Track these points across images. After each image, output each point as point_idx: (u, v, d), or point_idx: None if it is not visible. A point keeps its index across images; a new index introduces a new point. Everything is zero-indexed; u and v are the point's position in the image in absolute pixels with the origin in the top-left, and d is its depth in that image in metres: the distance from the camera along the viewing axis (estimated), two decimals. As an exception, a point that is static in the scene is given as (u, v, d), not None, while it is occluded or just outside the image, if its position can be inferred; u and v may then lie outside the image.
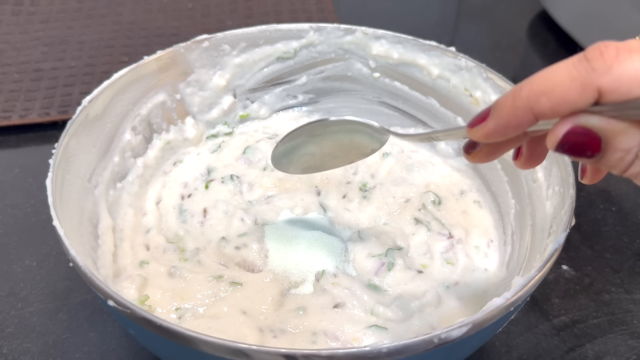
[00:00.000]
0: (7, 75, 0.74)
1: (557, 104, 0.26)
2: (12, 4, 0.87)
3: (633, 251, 0.57)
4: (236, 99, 0.61)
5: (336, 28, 0.58)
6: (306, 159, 0.47)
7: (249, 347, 0.31)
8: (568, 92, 0.26)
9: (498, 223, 0.52)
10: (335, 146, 0.45)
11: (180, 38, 0.81)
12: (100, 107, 0.49)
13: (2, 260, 0.54)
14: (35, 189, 0.61)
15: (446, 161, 0.58)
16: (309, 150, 0.45)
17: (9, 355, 0.47)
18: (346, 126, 0.43)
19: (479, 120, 0.30)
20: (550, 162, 0.45)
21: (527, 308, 0.51)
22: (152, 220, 0.52)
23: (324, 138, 0.44)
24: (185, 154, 0.59)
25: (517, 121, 0.28)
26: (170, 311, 0.43)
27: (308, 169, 0.48)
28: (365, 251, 0.48)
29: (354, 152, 0.45)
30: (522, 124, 0.28)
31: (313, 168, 0.48)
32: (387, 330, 0.42)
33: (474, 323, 0.32)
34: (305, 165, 0.47)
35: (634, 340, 0.49)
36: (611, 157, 0.27)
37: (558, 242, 0.37)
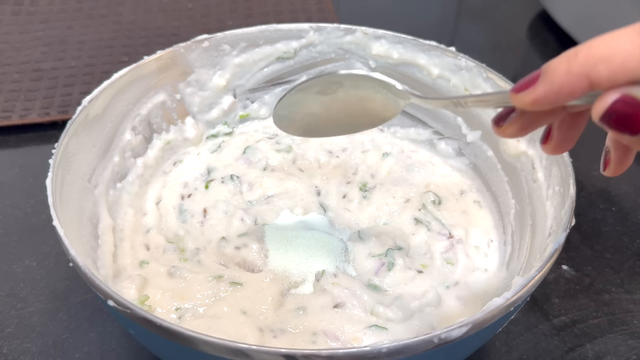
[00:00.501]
0: (7, 75, 0.74)
1: (616, 72, 0.25)
2: (12, 4, 0.87)
3: (633, 251, 0.57)
4: (236, 99, 0.61)
5: (336, 28, 0.58)
6: (309, 120, 0.43)
7: (249, 347, 0.31)
8: (629, 61, 0.25)
9: (498, 223, 0.52)
10: (344, 110, 0.42)
11: (180, 38, 0.81)
12: (100, 107, 0.49)
13: (2, 260, 0.54)
14: (35, 189, 0.61)
15: (446, 161, 0.58)
16: (314, 109, 0.42)
17: (9, 355, 0.47)
18: (362, 88, 0.40)
19: (527, 84, 0.28)
20: (550, 162, 0.45)
21: (527, 308, 0.51)
22: (152, 220, 0.52)
23: (334, 99, 0.41)
24: (185, 154, 0.59)
25: (571, 88, 0.26)
26: (170, 311, 0.43)
27: (308, 131, 0.45)
28: (365, 251, 0.48)
29: (361, 121, 0.42)
30: (575, 92, 0.26)
31: (314, 132, 0.45)
32: (387, 330, 0.42)
33: (474, 323, 0.32)
34: (306, 127, 0.44)
35: (634, 340, 0.49)
36: None
37: (558, 242, 0.37)
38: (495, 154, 0.54)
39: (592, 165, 0.65)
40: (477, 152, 0.56)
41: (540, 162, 0.47)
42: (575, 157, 0.43)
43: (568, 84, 0.26)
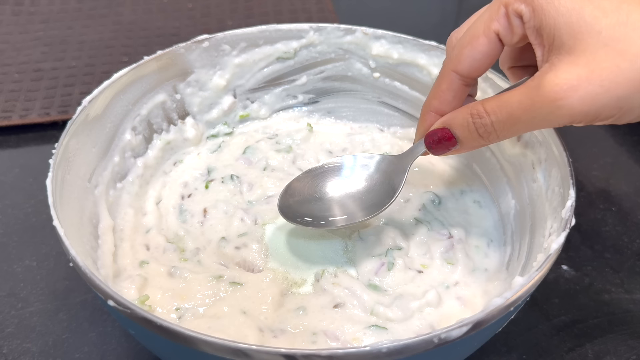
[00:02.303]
0: (7, 75, 0.74)
1: None
2: (12, 4, 0.87)
3: (633, 251, 0.57)
4: (236, 99, 0.61)
5: (336, 28, 0.58)
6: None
7: (249, 347, 0.31)
8: None
9: (498, 223, 0.52)
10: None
11: (180, 38, 0.81)
12: (101, 107, 0.49)
13: (2, 260, 0.54)
14: (35, 189, 0.61)
15: (446, 161, 0.58)
16: None
17: (9, 355, 0.47)
18: None
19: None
20: (550, 162, 0.45)
21: (527, 308, 0.51)
22: (152, 220, 0.52)
23: None
24: (185, 154, 0.59)
25: None
26: (170, 311, 0.43)
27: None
28: (365, 251, 0.48)
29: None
30: None
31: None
32: (387, 330, 0.42)
33: (474, 323, 0.32)
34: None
35: (634, 340, 0.49)
36: None
37: (558, 242, 0.37)
38: (495, 154, 0.54)
39: (592, 165, 0.65)
40: (477, 153, 0.56)
41: (540, 162, 0.47)
42: (575, 158, 0.43)
43: None
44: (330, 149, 0.59)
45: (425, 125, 0.42)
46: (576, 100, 0.32)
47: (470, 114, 0.37)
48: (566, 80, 0.32)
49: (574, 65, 0.32)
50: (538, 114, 0.34)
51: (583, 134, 0.70)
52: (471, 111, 0.37)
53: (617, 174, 0.65)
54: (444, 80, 0.40)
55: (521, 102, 0.34)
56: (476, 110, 0.37)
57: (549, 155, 0.45)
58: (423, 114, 0.42)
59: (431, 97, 0.41)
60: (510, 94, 0.35)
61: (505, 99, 0.35)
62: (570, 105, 0.32)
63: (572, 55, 0.32)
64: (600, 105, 0.32)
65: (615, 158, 0.67)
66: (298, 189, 0.48)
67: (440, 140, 0.40)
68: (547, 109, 0.33)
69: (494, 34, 0.36)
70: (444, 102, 0.40)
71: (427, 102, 0.42)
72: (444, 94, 0.40)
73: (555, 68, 0.32)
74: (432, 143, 0.41)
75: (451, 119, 0.39)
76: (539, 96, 0.33)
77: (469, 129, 0.38)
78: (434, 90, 0.41)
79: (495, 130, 0.36)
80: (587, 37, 0.31)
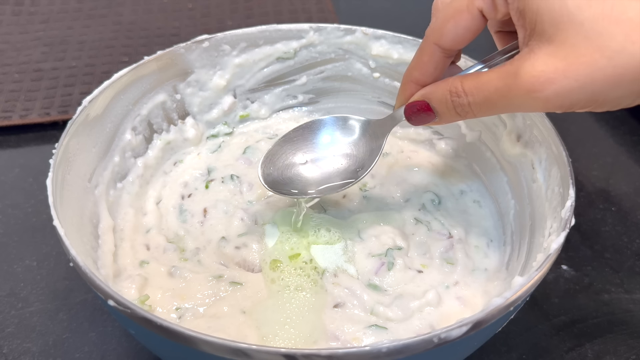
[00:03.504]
0: (7, 75, 0.74)
1: None
2: (12, 4, 0.87)
3: (633, 251, 0.57)
4: (236, 99, 0.61)
5: (336, 28, 0.58)
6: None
7: (249, 347, 0.31)
8: None
9: (498, 223, 0.52)
10: None
11: (180, 38, 0.81)
12: (101, 107, 0.49)
13: (3, 260, 0.54)
14: (35, 189, 0.61)
15: (446, 161, 0.58)
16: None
17: (9, 355, 0.47)
18: None
19: None
20: (549, 162, 0.45)
21: (527, 308, 0.51)
22: (152, 220, 0.52)
23: None
24: (185, 154, 0.59)
25: None
26: (170, 311, 0.43)
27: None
28: (365, 251, 0.48)
29: None
30: None
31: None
32: (387, 330, 0.42)
33: (474, 323, 0.32)
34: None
35: (633, 340, 0.49)
36: None
37: (558, 242, 0.37)
38: (495, 154, 0.54)
39: (591, 165, 0.65)
40: (477, 152, 0.56)
41: (540, 162, 0.47)
42: (575, 157, 0.43)
43: None
44: (330, 149, 0.59)
45: (405, 95, 0.42)
46: (551, 93, 0.32)
47: (449, 91, 0.37)
48: (543, 73, 0.32)
49: (552, 56, 0.32)
50: (514, 101, 0.34)
51: (583, 134, 0.70)
52: (450, 88, 0.37)
53: (617, 174, 0.65)
54: (426, 52, 0.39)
55: (498, 88, 0.34)
56: (454, 88, 0.37)
57: (548, 155, 0.45)
58: (404, 83, 0.42)
59: (412, 68, 0.41)
60: (489, 77, 0.35)
61: (484, 81, 0.35)
62: (545, 98, 0.32)
63: (551, 44, 0.32)
64: (575, 99, 0.32)
65: (615, 158, 0.67)
66: (278, 155, 0.48)
67: (419, 112, 0.41)
68: (522, 98, 0.33)
69: (477, 10, 0.36)
70: (425, 73, 0.40)
71: (408, 71, 0.41)
72: (426, 66, 0.40)
73: (533, 56, 0.32)
74: (411, 114, 0.41)
75: (430, 92, 0.39)
76: (515, 85, 0.33)
77: (447, 105, 0.38)
78: (415, 60, 0.40)
79: (472, 110, 0.37)
80: (569, 27, 0.31)
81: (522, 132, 0.49)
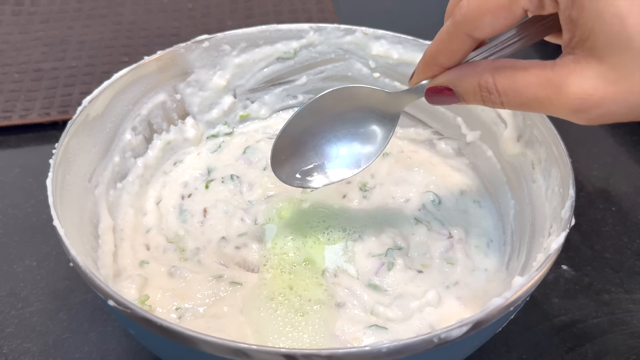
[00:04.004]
0: (7, 75, 0.74)
1: None
2: (12, 4, 0.87)
3: (633, 251, 0.57)
4: (236, 99, 0.61)
5: (336, 28, 0.58)
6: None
7: (249, 347, 0.31)
8: None
9: (498, 223, 0.52)
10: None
11: (180, 38, 0.81)
12: (101, 107, 0.49)
13: (2, 260, 0.54)
14: (35, 189, 0.61)
15: (446, 161, 0.58)
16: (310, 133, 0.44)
17: (9, 355, 0.47)
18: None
19: None
20: (549, 162, 0.45)
21: (527, 308, 0.51)
22: (152, 220, 0.52)
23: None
24: (185, 154, 0.59)
25: None
26: (170, 311, 0.43)
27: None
28: (365, 251, 0.48)
29: None
30: None
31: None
32: (387, 330, 0.42)
33: (474, 323, 0.32)
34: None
35: (633, 340, 0.49)
36: None
37: (558, 242, 0.37)
38: (495, 154, 0.54)
39: (592, 165, 0.65)
40: (477, 152, 0.56)
41: (540, 162, 0.47)
42: (575, 157, 0.43)
43: None
44: (330, 149, 0.59)
45: (426, 75, 0.39)
46: (595, 115, 0.31)
47: (479, 85, 0.35)
48: (591, 97, 0.30)
49: (602, 78, 0.30)
50: (552, 111, 0.32)
51: (583, 134, 0.70)
52: (480, 82, 0.35)
53: (617, 174, 0.65)
54: (455, 40, 0.36)
55: (538, 97, 0.32)
56: (485, 83, 0.35)
57: (548, 155, 0.45)
58: (426, 64, 0.39)
59: (437, 52, 0.38)
60: (527, 80, 0.33)
61: (522, 84, 0.33)
62: (588, 118, 0.31)
63: (602, 64, 0.30)
64: (618, 119, 0.31)
65: (615, 158, 0.67)
66: (287, 142, 0.45)
67: (442, 95, 0.38)
68: (562, 112, 0.32)
69: (521, 9, 0.33)
70: (453, 59, 0.37)
71: (432, 56, 0.38)
72: (454, 54, 0.37)
73: (580, 71, 0.31)
74: (433, 94, 0.39)
75: (457, 80, 0.37)
76: (558, 99, 0.31)
77: (475, 96, 0.36)
78: (442, 46, 0.37)
79: (503, 106, 0.35)
80: (625, 52, 0.29)
81: (522, 132, 0.49)
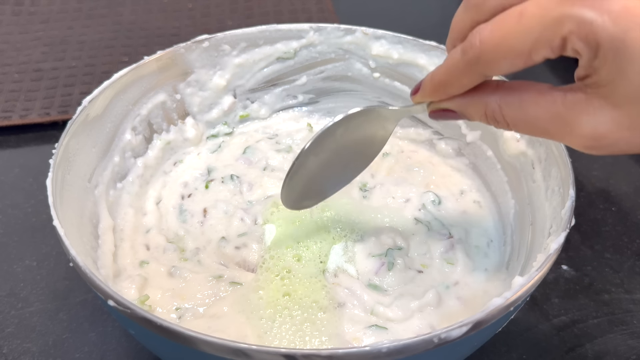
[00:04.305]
0: (7, 75, 0.74)
1: None
2: (12, 4, 0.87)
3: (633, 251, 0.57)
4: (236, 99, 0.61)
5: (336, 28, 0.58)
6: (314, 186, 0.45)
7: (249, 347, 0.31)
8: None
9: (498, 223, 0.52)
10: (341, 161, 0.44)
11: (180, 38, 0.81)
12: (101, 107, 0.49)
13: (2, 260, 0.54)
14: (35, 189, 0.61)
15: (446, 161, 0.58)
16: (316, 174, 0.44)
17: (9, 355, 0.47)
18: (351, 128, 0.42)
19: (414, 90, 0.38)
20: (549, 162, 0.45)
21: (527, 308, 0.51)
22: (152, 220, 0.52)
23: (329, 155, 0.43)
24: (185, 154, 0.59)
25: None
26: (170, 311, 0.43)
27: (318, 196, 0.46)
28: (365, 251, 0.48)
29: (359, 162, 0.45)
30: None
31: (322, 193, 0.46)
32: (387, 330, 0.42)
33: (474, 323, 0.32)
34: (315, 192, 0.46)
35: (634, 340, 0.49)
36: None
37: (558, 242, 0.37)
38: (495, 154, 0.54)
39: (592, 165, 0.65)
40: (477, 152, 0.56)
41: (540, 162, 0.47)
42: (575, 157, 0.43)
43: None
44: (330, 149, 0.59)
45: (433, 99, 0.38)
46: (607, 152, 0.31)
47: (486, 115, 0.35)
48: (605, 139, 0.30)
49: (617, 123, 0.29)
50: (564, 143, 0.33)
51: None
52: (486, 111, 0.35)
53: (617, 174, 0.65)
54: (467, 77, 0.35)
55: (548, 131, 0.32)
56: (492, 112, 0.34)
57: (548, 155, 0.45)
58: (435, 91, 0.37)
59: (447, 84, 0.36)
60: (537, 113, 0.32)
61: (531, 117, 0.32)
62: (600, 153, 0.31)
63: (617, 110, 0.29)
64: (625, 151, 0.31)
65: (615, 158, 0.67)
66: (296, 180, 0.44)
67: (447, 116, 0.38)
68: (575, 146, 0.32)
69: (541, 57, 0.31)
70: (462, 90, 0.36)
71: (442, 87, 0.36)
72: (465, 87, 0.36)
73: (593, 113, 0.30)
74: (437, 116, 0.38)
75: (463, 107, 0.36)
76: (570, 137, 0.31)
77: (481, 120, 0.36)
78: (452, 80, 0.35)
79: (512, 130, 0.35)
80: None
81: (522, 132, 0.49)
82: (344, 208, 0.53)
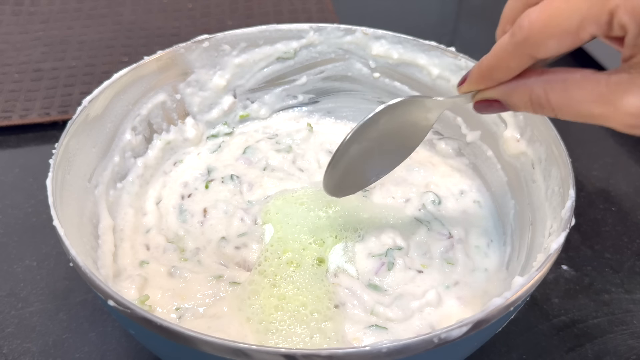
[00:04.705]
0: (7, 75, 0.74)
1: None
2: (12, 4, 0.87)
3: (633, 251, 0.57)
4: (236, 99, 0.61)
5: (336, 28, 0.58)
6: (356, 172, 0.45)
7: (249, 347, 0.31)
8: None
9: (498, 223, 0.52)
10: (383, 149, 0.44)
11: (180, 38, 0.81)
12: (101, 107, 0.49)
13: (2, 260, 0.54)
14: (35, 189, 0.61)
15: (446, 161, 0.58)
16: (359, 161, 0.44)
17: (9, 355, 0.47)
18: (394, 117, 0.42)
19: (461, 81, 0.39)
20: (549, 162, 0.45)
21: (527, 308, 0.51)
22: (152, 220, 0.52)
23: (371, 143, 0.43)
24: (185, 154, 0.59)
25: None
26: (170, 311, 0.43)
27: (358, 184, 0.47)
28: (365, 251, 0.48)
29: (401, 151, 0.45)
30: None
31: (362, 182, 0.47)
32: (387, 330, 0.42)
33: (474, 323, 0.32)
34: (355, 181, 0.46)
35: (634, 340, 0.49)
36: None
37: (558, 242, 0.37)
38: (495, 154, 0.54)
39: (592, 165, 0.65)
40: (477, 152, 0.56)
41: (540, 162, 0.47)
42: (575, 157, 0.43)
43: None
44: (330, 149, 0.59)
45: (479, 87, 0.38)
46: None
47: (531, 100, 0.35)
48: None
49: None
50: (608, 125, 0.33)
51: (583, 134, 0.70)
52: (531, 96, 0.35)
53: (617, 174, 0.65)
54: (515, 59, 0.35)
55: (593, 114, 0.32)
56: (537, 98, 0.34)
57: (548, 155, 0.45)
58: (482, 77, 0.38)
59: (494, 68, 0.36)
60: (581, 97, 0.32)
61: (576, 101, 0.33)
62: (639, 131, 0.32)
63: None
64: None
65: (615, 158, 0.67)
66: (338, 168, 0.45)
67: (492, 107, 0.38)
68: (619, 128, 0.32)
69: (589, 35, 0.31)
70: (510, 75, 0.36)
71: (489, 70, 0.37)
72: (512, 71, 0.36)
73: (638, 93, 0.31)
74: (482, 108, 0.39)
75: (508, 95, 0.37)
76: (614, 117, 0.32)
77: (526, 109, 0.36)
78: (500, 63, 0.36)
79: (557, 116, 0.35)
80: None
81: (522, 131, 0.49)
82: (345, 208, 0.53)
